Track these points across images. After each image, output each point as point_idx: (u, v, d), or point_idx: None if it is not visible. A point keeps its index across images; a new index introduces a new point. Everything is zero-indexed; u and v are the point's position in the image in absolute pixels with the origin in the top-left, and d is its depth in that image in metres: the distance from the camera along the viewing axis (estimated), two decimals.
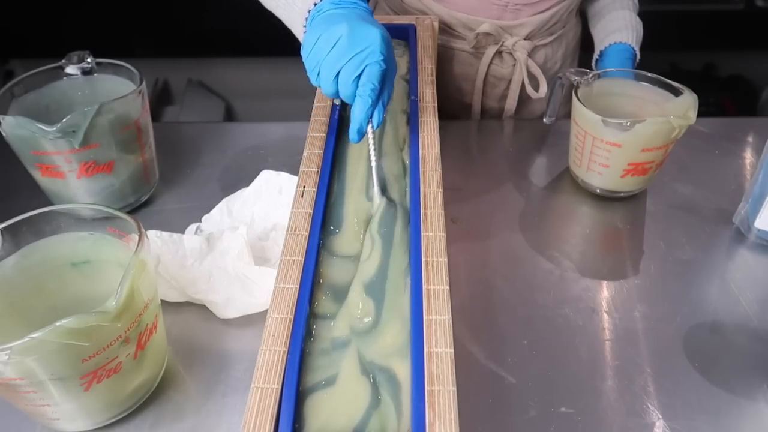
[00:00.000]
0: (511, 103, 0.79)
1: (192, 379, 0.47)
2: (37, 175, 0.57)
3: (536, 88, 0.74)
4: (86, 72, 0.60)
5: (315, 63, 0.44)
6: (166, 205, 0.63)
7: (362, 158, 0.48)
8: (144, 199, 0.62)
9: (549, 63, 0.79)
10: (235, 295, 0.49)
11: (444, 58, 0.77)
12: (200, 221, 0.58)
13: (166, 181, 0.65)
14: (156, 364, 0.45)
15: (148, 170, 0.61)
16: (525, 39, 0.74)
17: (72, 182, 0.56)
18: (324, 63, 0.43)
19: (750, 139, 0.72)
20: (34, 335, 0.33)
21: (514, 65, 0.76)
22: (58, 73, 0.59)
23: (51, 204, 0.44)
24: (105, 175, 0.56)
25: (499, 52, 0.75)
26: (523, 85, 0.76)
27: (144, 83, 0.57)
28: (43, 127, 0.50)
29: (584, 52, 0.88)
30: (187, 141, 0.71)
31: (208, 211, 0.58)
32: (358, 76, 0.43)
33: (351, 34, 0.42)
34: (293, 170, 0.57)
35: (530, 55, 0.76)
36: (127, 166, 0.58)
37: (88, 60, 0.59)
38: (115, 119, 0.54)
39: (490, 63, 0.76)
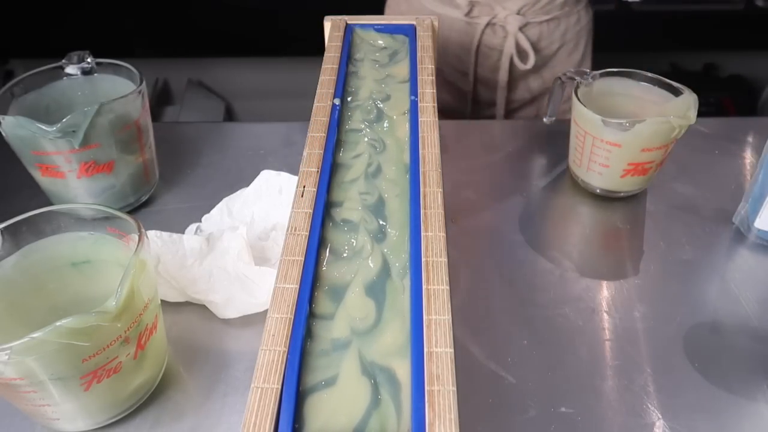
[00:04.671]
0: (503, 75, 0.85)
1: (192, 379, 0.47)
2: (37, 175, 0.57)
3: (525, 61, 0.81)
4: (86, 72, 0.60)
5: None
6: (166, 205, 0.63)
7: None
8: (144, 199, 0.62)
9: (544, 42, 0.83)
10: (235, 295, 0.49)
11: (444, 27, 0.83)
12: (200, 221, 0.58)
13: (166, 181, 0.65)
14: (156, 364, 0.45)
15: (148, 170, 0.61)
16: (517, 14, 0.80)
17: (72, 182, 0.56)
18: None
19: (750, 139, 0.72)
20: (34, 335, 0.33)
21: (505, 37, 0.81)
22: (58, 73, 0.59)
23: (51, 204, 0.44)
24: (105, 175, 0.56)
25: (492, 24, 0.81)
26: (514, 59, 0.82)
27: (144, 83, 0.57)
28: (43, 127, 0.50)
29: (601, 52, 0.90)
30: (187, 141, 0.71)
31: (208, 211, 0.58)
32: None
33: None
34: (293, 170, 0.57)
35: (523, 30, 0.81)
36: (127, 166, 0.58)
37: (88, 60, 0.59)
38: (115, 119, 0.54)
39: (483, 33, 0.81)
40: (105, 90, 0.59)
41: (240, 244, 0.51)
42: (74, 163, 0.54)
